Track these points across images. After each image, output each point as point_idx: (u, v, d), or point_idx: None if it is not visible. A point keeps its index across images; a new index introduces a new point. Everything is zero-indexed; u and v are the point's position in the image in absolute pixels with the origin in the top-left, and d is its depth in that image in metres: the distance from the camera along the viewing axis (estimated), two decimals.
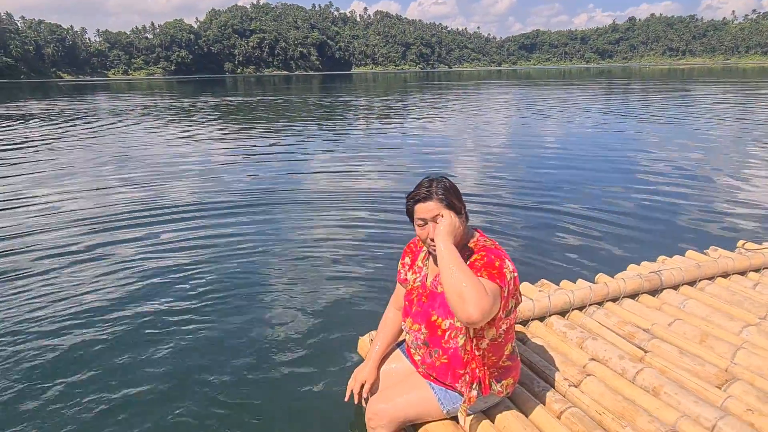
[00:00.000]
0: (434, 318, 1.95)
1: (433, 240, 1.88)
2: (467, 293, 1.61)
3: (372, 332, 2.75)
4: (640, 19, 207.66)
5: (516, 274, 1.87)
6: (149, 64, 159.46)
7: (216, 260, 4.44)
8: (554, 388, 2.28)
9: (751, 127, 12.98)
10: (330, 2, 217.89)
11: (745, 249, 3.53)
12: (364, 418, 2.16)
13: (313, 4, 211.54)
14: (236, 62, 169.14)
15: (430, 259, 2.08)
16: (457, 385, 1.98)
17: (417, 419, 2.08)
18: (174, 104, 26.39)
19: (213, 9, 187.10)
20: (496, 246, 1.91)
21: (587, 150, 10.11)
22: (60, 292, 3.81)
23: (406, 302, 2.11)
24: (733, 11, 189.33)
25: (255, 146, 11.58)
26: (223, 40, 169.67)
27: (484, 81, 51.85)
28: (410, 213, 1.93)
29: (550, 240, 4.83)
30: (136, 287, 3.89)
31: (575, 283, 3.21)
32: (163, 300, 3.66)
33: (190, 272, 4.16)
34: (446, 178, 1.93)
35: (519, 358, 2.19)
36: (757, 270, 3.33)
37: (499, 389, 2.04)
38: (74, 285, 3.94)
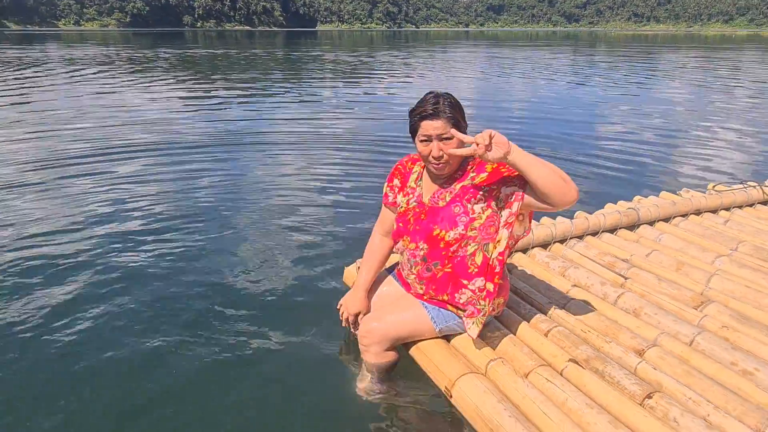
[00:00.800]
0: (436, 232, 1.95)
1: (437, 158, 1.88)
2: (566, 176, 1.72)
3: (358, 261, 2.75)
4: None
5: None
6: (103, 15, 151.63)
7: (178, 198, 4.32)
8: (540, 311, 2.34)
9: (712, 89, 13.32)
10: None
11: (715, 190, 3.65)
12: (354, 339, 2.19)
13: None
14: (195, 15, 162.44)
15: (425, 178, 2.08)
16: (456, 295, 2.00)
17: (409, 337, 2.11)
18: (133, 55, 25.24)
19: None
20: None
21: (561, 106, 10.21)
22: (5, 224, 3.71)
23: (400, 223, 2.10)
24: None
25: (220, 95, 11.25)
26: None
27: (454, 42, 51.25)
28: (414, 129, 1.91)
29: None
30: (93, 220, 3.78)
31: (555, 219, 3.27)
32: (128, 238, 3.54)
33: (151, 210, 4.03)
34: (451, 95, 1.91)
35: (509, 279, 2.24)
36: (727, 209, 3.46)
37: (492, 308, 2.08)
38: (20, 217, 3.83)
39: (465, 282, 1.98)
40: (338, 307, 2.28)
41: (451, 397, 1.92)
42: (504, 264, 1.97)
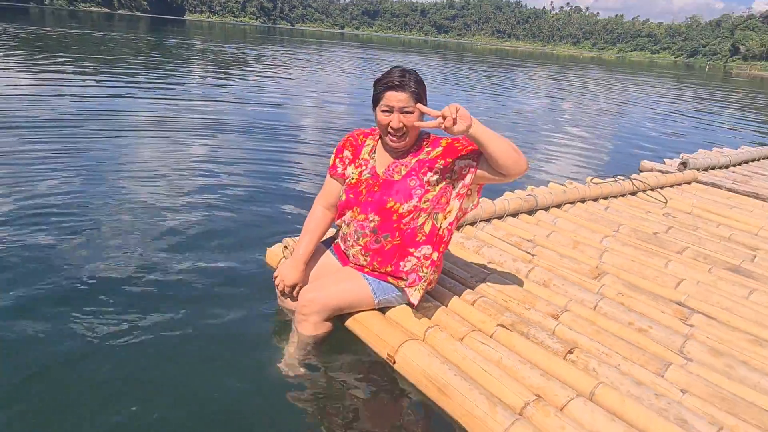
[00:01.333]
0: (390, 204, 2.01)
1: (396, 129, 1.94)
2: (517, 149, 1.88)
3: (279, 244, 2.72)
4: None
5: None
6: None
7: (66, 184, 3.92)
8: (463, 284, 2.50)
9: (565, 98, 14.84)
10: None
11: (594, 183, 4.12)
12: (281, 316, 2.18)
13: None
14: None
15: (379, 150, 2.13)
16: (401, 263, 2.07)
17: (348, 308, 2.14)
18: None
19: None
20: None
21: None
22: None
23: (351, 194, 2.12)
24: (551, 2, 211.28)
25: (93, 78, 10.29)
26: None
27: (330, 42, 51.41)
28: (377, 99, 1.96)
29: None
30: None
31: None
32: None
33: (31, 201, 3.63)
34: (415, 71, 1.99)
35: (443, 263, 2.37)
36: (605, 198, 3.92)
37: (432, 277, 2.18)
38: None
39: (411, 250, 2.05)
40: (274, 277, 2.25)
41: (394, 363, 1.99)
42: (452, 234, 2.08)
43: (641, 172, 5.19)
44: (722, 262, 2.92)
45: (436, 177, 2.02)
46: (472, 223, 3.21)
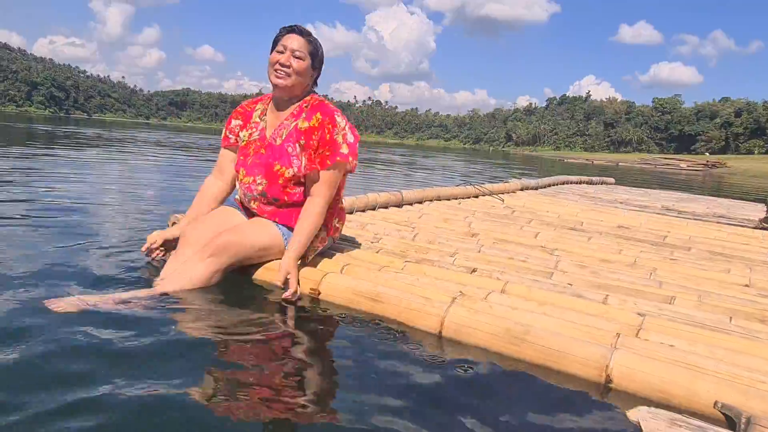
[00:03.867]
0: (276, 168, 2.08)
1: (284, 64, 2.04)
2: (319, 218, 2.08)
3: (171, 216, 2.58)
4: None
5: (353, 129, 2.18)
6: None
7: None
8: (362, 245, 2.61)
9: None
10: None
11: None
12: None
13: None
14: None
15: (269, 113, 2.20)
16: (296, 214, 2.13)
17: (261, 251, 2.10)
18: None
19: None
20: (329, 105, 2.17)
21: None
22: None
23: (241, 156, 2.19)
24: (355, 96, 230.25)
25: None
26: None
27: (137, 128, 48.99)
28: (275, 41, 2.07)
29: None
30: None
31: None
32: None
33: None
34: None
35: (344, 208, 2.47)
36: (456, 198, 4.41)
37: (337, 226, 2.27)
38: None
39: (301, 206, 2.13)
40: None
41: (318, 294, 2.00)
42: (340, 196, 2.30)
43: None
44: (561, 226, 3.47)
45: (300, 148, 2.10)
46: (349, 212, 3.36)
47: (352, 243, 2.62)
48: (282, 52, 2.05)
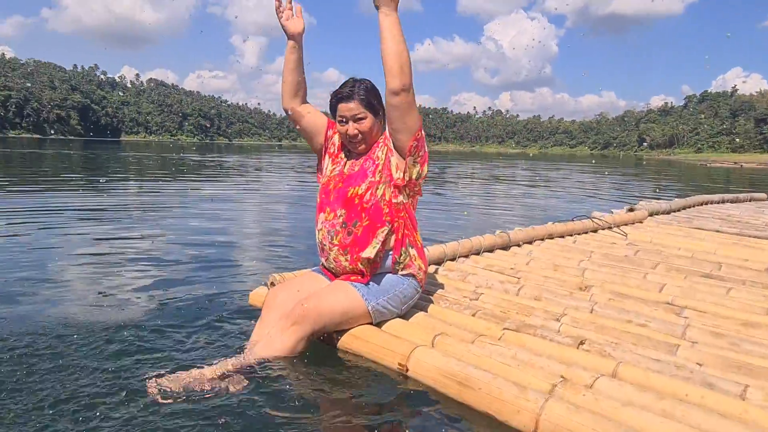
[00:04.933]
0: (350, 192, 2.09)
1: (352, 137, 2.06)
2: (406, 62, 1.90)
3: (261, 287, 2.62)
4: None
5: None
6: None
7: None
8: (458, 303, 2.46)
9: (505, 185, 15.63)
10: (95, 65, 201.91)
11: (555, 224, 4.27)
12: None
13: (75, 65, 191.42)
14: None
15: (349, 154, 2.24)
16: (374, 241, 2.07)
17: (342, 316, 2.06)
18: None
19: None
20: None
21: None
22: None
23: (323, 195, 2.20)
24: (474, 107, 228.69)
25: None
26: None
27: (266, 152, 52.67)
28: (333, 109, 2.09)
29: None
30: None
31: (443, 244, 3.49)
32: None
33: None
34: (369, 80, 2.10)
35: (426, 256, 2.34)
36: (571, 235, 4.06)
37: (416, 264, 2.17)
38: None
39: (379, 225, 2.08)
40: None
41: (407, 370, 1.88)
42: (413, 207, 2.21)
43: None
44: (694, 272, 3.03)
45: (381, 152, 2.12)
46: (452, 259, 3.22)
47: (449, 300, 2.47)
48: (344, 122, 2.10)
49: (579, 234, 4.13)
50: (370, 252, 2.06)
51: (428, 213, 7.48)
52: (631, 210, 5.32)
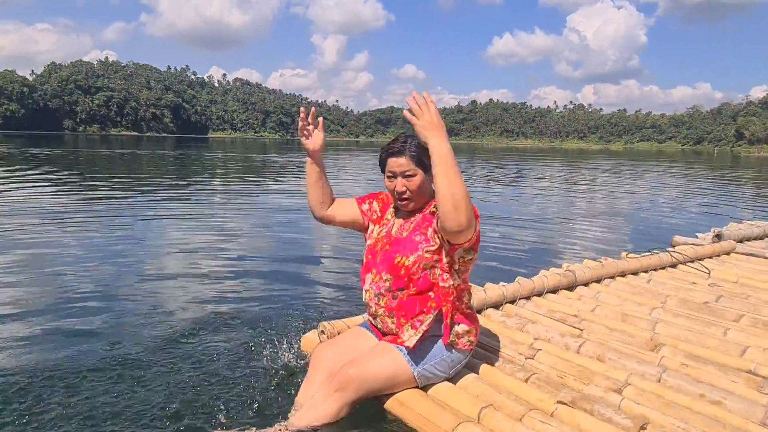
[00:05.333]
0: (397, 260, 2.00)
1: (400, 193, 2.00)
2: (464, 198, 1.75)
3: (315, 330, 2.62)
4: (480, 103, 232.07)
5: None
6: None
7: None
8: (511, 362, 2.34)
9: (578, 188, 14.97)
10: (187, 66, 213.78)
11: (629, 257, 3.99)
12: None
13: (168, 66, 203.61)
14: (78, 120, 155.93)
15: (400, 212, 2.16)
16: (425, 310, 2.01)
17: (387, 382, 2.01)
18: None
19: (53, 62, 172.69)
20: None
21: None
22: None
23: (369, 256, 2.15)
24: (555, 101, 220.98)
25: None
26: (63, 95, 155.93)
27: (346, 149, 53.55)
28: (382, 164, 2.04)
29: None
30: None
31: (497, 284, 3.36)
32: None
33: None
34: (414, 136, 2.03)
35: (477, 318, 2.24)
36: (645, 271, 3.78)
37: (464, 337, 2.07)
38: None
39: (431, 294, 2.02)
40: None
41: None
42: (465, 288, 2.10)
43: (674, 246, 5.06)
44: None
45: (432, 232, 2.01)
46: (512, 301, 3.08)
47: (503, 358, 2.37)
48: (393, 178, 2.03)
49: (655, 270, 3.84)
50: (410, 340, 2.00)
51: (497, 231, 7.28)
52: (717, 237, 4.91)
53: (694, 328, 2.72)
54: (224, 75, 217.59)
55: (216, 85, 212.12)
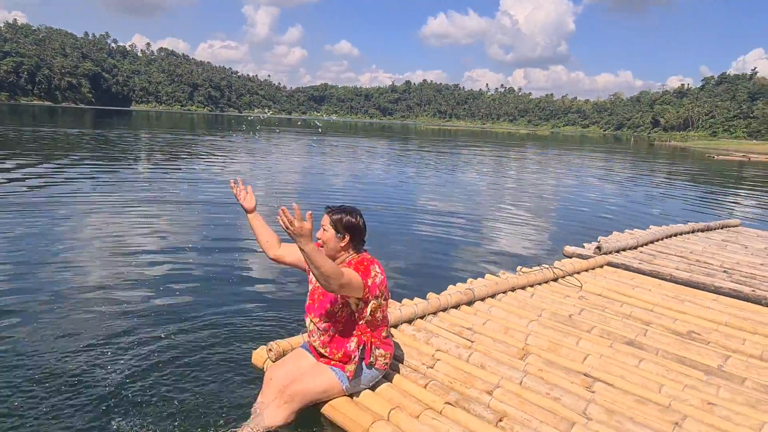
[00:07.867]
0: (328, 309, 2.73)
1: (318, 237, 2.69)
2: (330, 275, 2.38)
3: (264, 346, 3.27)
4: (414, 83, 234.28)
5: (383, 276, 2.72)
6: None
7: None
8: (416, 371, 3.11)
9: (505, 180, 16.15)
10: (107, 32, 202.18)
11: (522, 272, 4.88)
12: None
13: (86, 33, 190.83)
14: None
15: None
16: (348, 344, 2.73)
17: (323, 394, 2.72)
18: None
19: None
20: (372, 259, 2.72)
21: (379, 195, 11.60)
22: None
23: (309, 301, 2.86)
24: (487, 84, 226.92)
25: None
26: None
27: (279, 127, 52.99)
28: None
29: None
30: None
31: (412, 300, 4.13)
32: None
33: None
34: (352, 213, 2.71)
35: (392, 343, 2.99)
36: (531, 285, 4.68)
37: (381, 359, 2.80)
38: None
39: (355, 332, 2.74)
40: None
41: None
42: (378, 327, 2.80)
43: (564, 256, 6.05)
44: (621, 337, 3.65)
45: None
46: (422, 317, 3.86)
47: (410, 368, 3.13)
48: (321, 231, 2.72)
49: (540, 284, 4.75)
50: (347, 370, 2.72)
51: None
52: (598, 248, 5.92)
53: (555, 338, 3.60)
54: (148, 44, 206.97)
55: (139, 54, 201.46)
